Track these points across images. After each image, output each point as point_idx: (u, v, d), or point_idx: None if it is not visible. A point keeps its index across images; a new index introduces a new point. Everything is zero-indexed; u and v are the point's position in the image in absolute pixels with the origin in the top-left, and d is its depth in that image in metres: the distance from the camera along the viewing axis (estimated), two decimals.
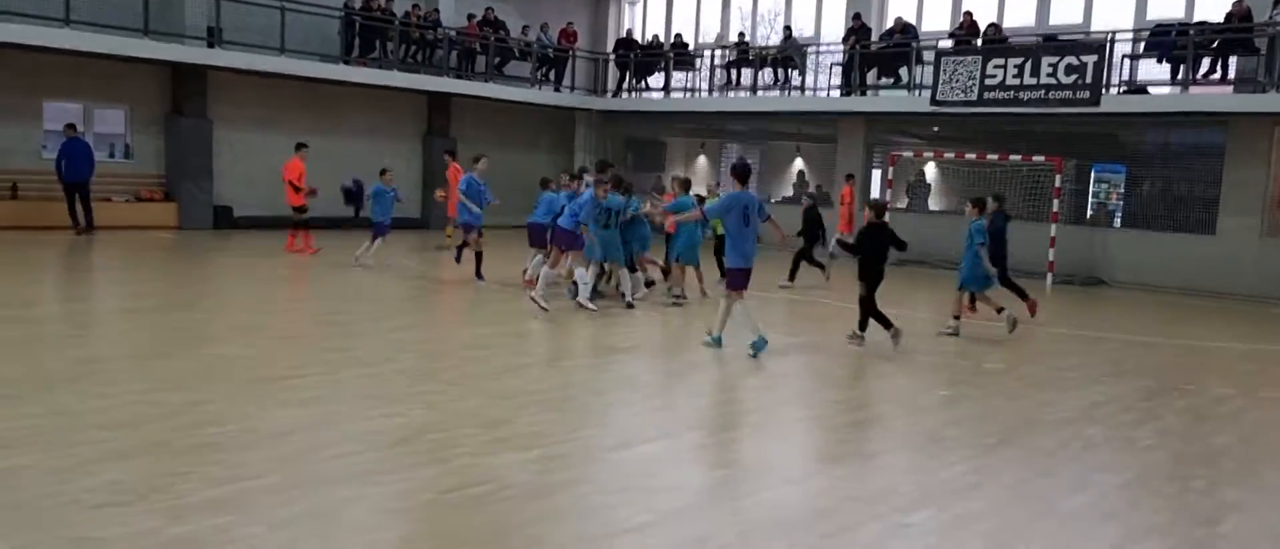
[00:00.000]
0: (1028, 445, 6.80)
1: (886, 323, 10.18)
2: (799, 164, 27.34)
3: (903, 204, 22.62)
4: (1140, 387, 9.01)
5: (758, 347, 9.26)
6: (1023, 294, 13.00)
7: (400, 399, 7.03)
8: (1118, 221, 20.71)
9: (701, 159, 29.42)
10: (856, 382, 8.80)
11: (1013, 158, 18.90)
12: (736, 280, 9.41)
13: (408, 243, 19.71)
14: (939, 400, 8.12)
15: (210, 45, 19.74)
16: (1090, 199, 21.34)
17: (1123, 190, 21.08)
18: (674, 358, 9.63)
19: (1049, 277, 17.75)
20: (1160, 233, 18.36)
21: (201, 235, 19.08)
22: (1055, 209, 17.75)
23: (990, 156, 19.21)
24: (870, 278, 10.25)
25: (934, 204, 23.76)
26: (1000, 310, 11.34)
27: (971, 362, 9.92)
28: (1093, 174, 21.45)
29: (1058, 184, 17.75)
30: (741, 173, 9.66)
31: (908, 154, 21.50)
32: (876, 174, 23.48)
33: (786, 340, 10.50)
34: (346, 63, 21.75)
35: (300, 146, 17.03)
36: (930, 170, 24.46)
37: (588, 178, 13.46)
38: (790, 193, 25.86)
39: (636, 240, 12.83)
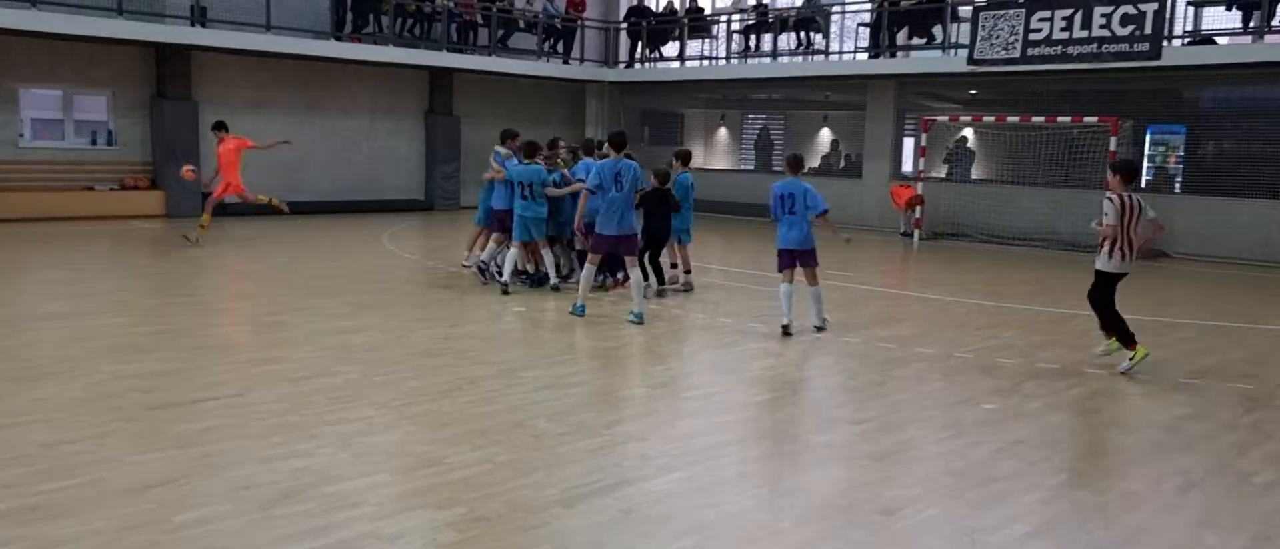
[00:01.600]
0: (1105, 487, 5.34)
1: (661, 277, 11.55)
2: (826, 133, 25.71)
3: (940, 173, 20.95)
4: (1234, 391, 7.48)
5: (578, 310, 9.71)
6: None
7: (310, 431, 5.70)
8: (1177, 187, 18.96)
9: (722, 131, 27.88)
10: (880, 390, 7.34)
11: (1061, 119, 17.21)
12: (597, 244, 9.66)
13: (414, 225, 18.43)
14: (983, 416, 6.66)
15: (193, 24, 18.51)
16: (1145, 163, 19.58)
17: (1182, 153, 19.30)
18: (662, 363, 8.23)
19: None
20: (1228, 198, 16.60)
21: (188, 224, 17.89)
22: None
23: (1035, 119, 17.53)
24: (651, 239, 10.99)
25: (972, 173, 22.06)
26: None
27: (1022, 358, 8.43)
28: (1148, 136, 19.69)
29: (1113, 147, 16.04)
30: (618, 141, 9.70)
31: (942, 119, 19.82)
32: (908, 142, 21.83)
33: (798, 336, 9.07)
34: (339, 39, 20.46)
35: (218, 126, 15.30)
36: (972, 136, 22.75)
37: (562, 149, 12.15)
38: (818, 164, 24.23)
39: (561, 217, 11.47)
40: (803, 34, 21.70)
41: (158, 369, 7.11)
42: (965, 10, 18.61)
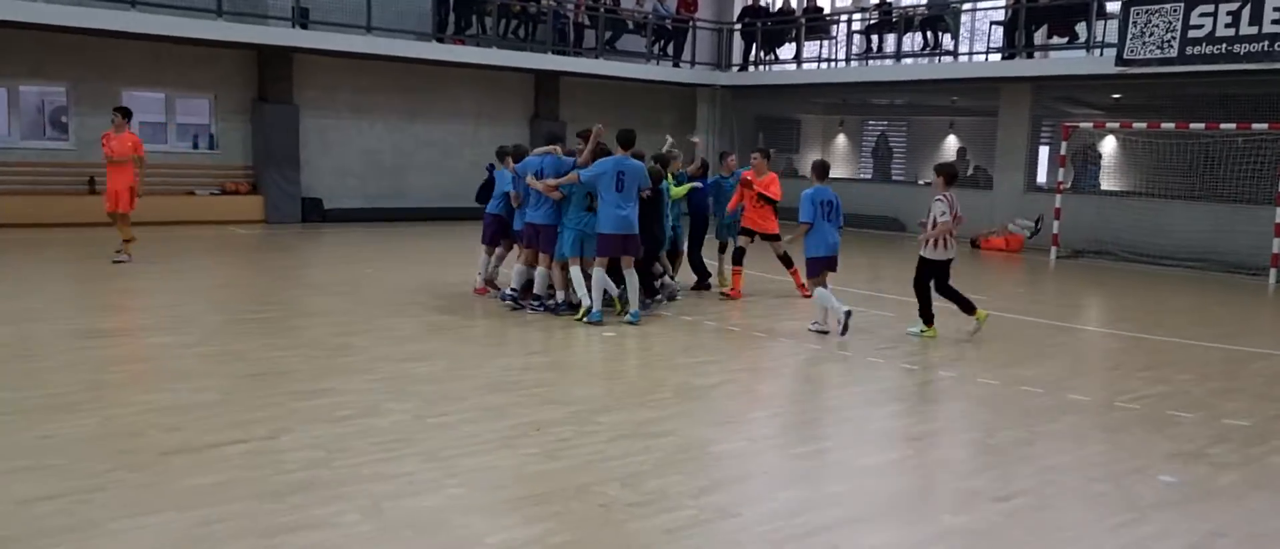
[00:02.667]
0: None
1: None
2: (953, 140, 24.02)
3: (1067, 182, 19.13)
4: None
5: (594, 317, 9.32)
6: None
7: (338, 489, 4.78)
8: None
9: (840, 138, 26.44)
10: (1028, 451, 6.04)
11: (1225, 126, 15.32)
12: (603, 246, 9.28)
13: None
14: (1163, 492, 5.31)
15: (295, 25, 18.19)
16: None
17: None
18: (767, 407, 7.07)
19: (1275, 273, 14.21)
20: None
21: (283, 231, 17.57)
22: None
23: (1194, 126, 15.67)
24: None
25: (1110, 184, 20.10)
26: None
27: (1202, 410, 6.98)
28: None
29: None
30: (626, 139, 9.46)
31: (1086, 125, 18.02)
32: (1044, 150, 20.07)
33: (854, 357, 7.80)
34: (441, 40, 19.92)
35: (121, 113, 12.65)
36: (1107, 145, 20.80)
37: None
38: None
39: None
40: (929, 34, 20.17)
41: (192, 401, 6.34)
42: (1113, 5, 16.85)
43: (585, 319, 9.34)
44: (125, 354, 7.60)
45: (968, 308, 9.53)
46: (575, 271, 9.52)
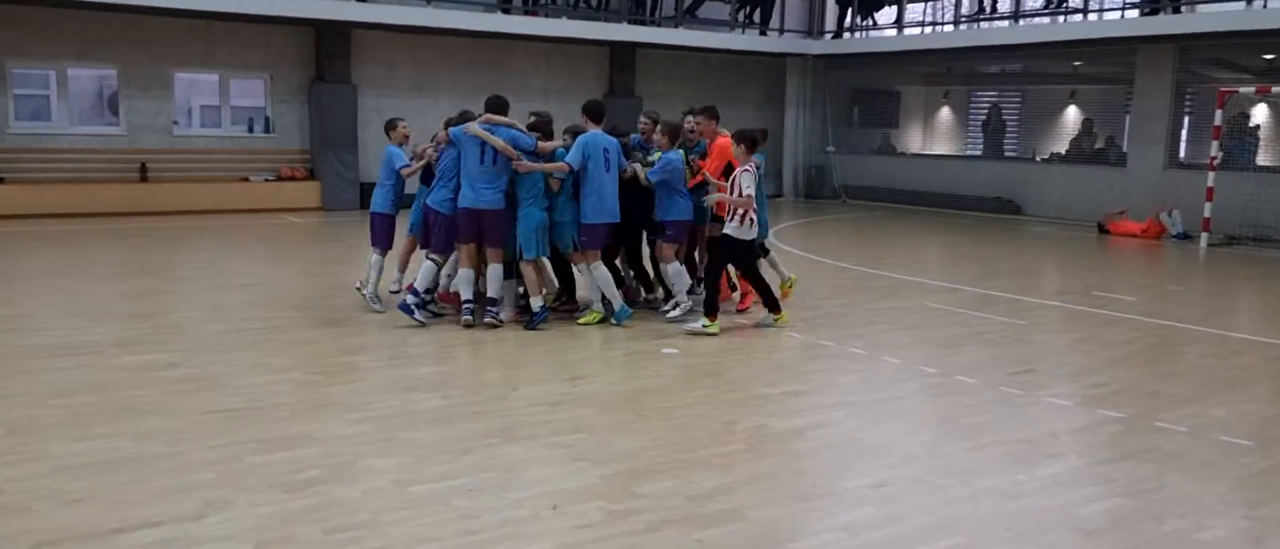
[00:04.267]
0: None
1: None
2: (1073, 111, 21.58)
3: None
4: None
5: (621, 315, 8.26)
6: None
7: None
8: None
9: (944, 111, 24.20)
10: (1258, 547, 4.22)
11: None
12: (591, 239, 8.08)
13: None
14: None
15: None
16: None
17: None
18: (883, 494, 5.36)
19: None
20: None
21: (339, 219, 16.37)
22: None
23: None
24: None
25: (1269, 158, 17.52)
26: None
27: None
28: None
29: None
30: (596, 112, 8.26)
31: (1247, 90, 15.57)
32: (1187, 120, 17.63)
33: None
34: (507, 11, 18.46)
35: None
36: (1260, 113, 18.18)
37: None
38: (1065, 149, 20.24)
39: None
40: None
41: (125, 453, 4.94)
42: None
43: (613, 321, 8.16)
44: (79, 380, 6.27)
45: (773, 305, 8.41)
46: (601, 270, 8.17)
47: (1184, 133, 17.57)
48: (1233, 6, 15.30)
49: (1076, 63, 19.67)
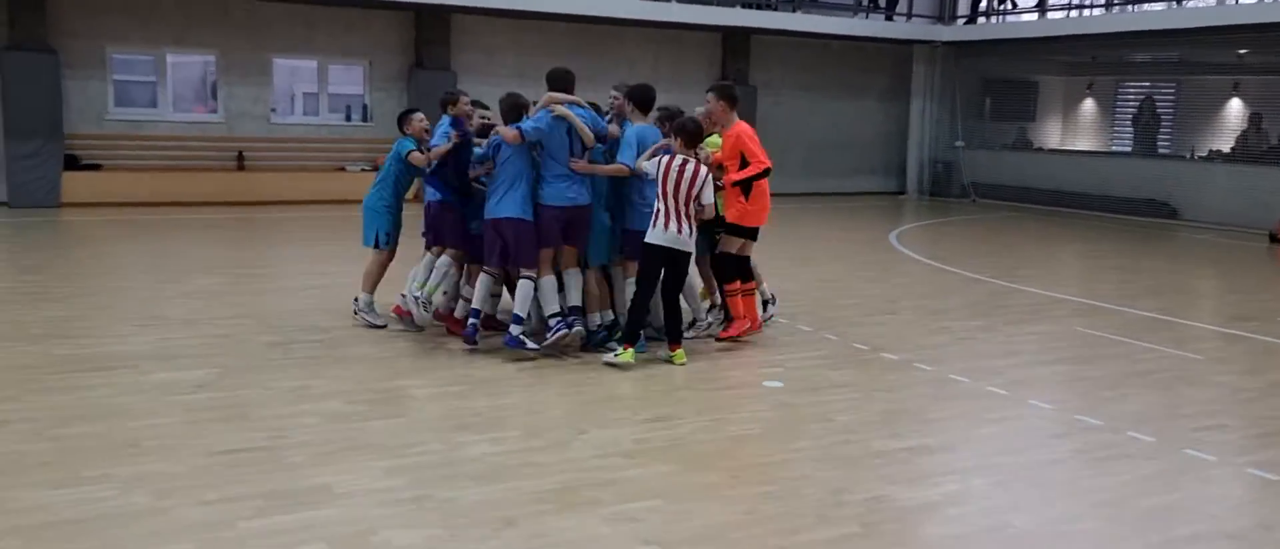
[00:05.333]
0: None
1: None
2: (1237, 104, 19.40)
3: None
4: None
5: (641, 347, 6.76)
6: None
7: None
8: None
9: (1088, 103, 22.20)
10: None
11: None
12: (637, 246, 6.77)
13: None
14: None
15: None
16: None
17: None
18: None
19: None
20: None
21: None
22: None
23: None
24: None
25: None
26: None
27: None
28: None
29: None
30: (645, 100, 7.06)
31: None
32: None
33: None
34: None
35: None
36: None
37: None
38: (1229, 147, 18.14)
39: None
40: None
41: (99, 510, 4.12)
42: None
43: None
44: (91, 405, 5.53)
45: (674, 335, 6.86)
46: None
47: None
48: None
49: (1242, 51, 17.59)
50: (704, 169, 6.61)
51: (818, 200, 19.59)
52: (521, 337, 6.60)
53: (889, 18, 20.07)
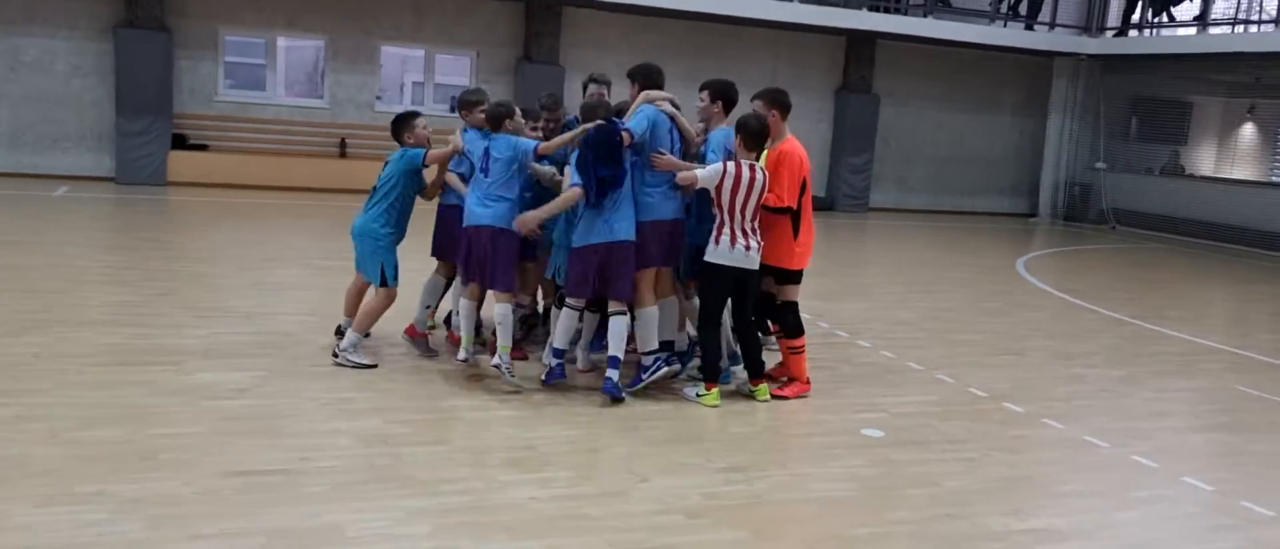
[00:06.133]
0: None
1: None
2: None
3: None
4: None
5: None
6: None
7: None
8: None
9: (1247, 128, 20.37)
10: None
11: None
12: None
13: None
14: None
15: None
16: None
17: None
18: None
19: None
20: None
21: None
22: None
23: None
24: None
25: None
26: None
27: None
28: None
29: None
30: (730, 96, 6.04)
31: None
32: None
33: None
34: None
35: None
36: None
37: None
38: None
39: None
40: None
41: (76, 539, 3.60)
42: None
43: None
44: (122, 405, 5.10)
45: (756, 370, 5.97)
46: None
47: None
48: None
49: None
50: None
51: (939, 219, 18.43)
52: (618, 383, 5.70)
53: (1029, 27, 18.74)
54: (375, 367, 6.00)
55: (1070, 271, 13.28)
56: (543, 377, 5.90)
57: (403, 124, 6.23)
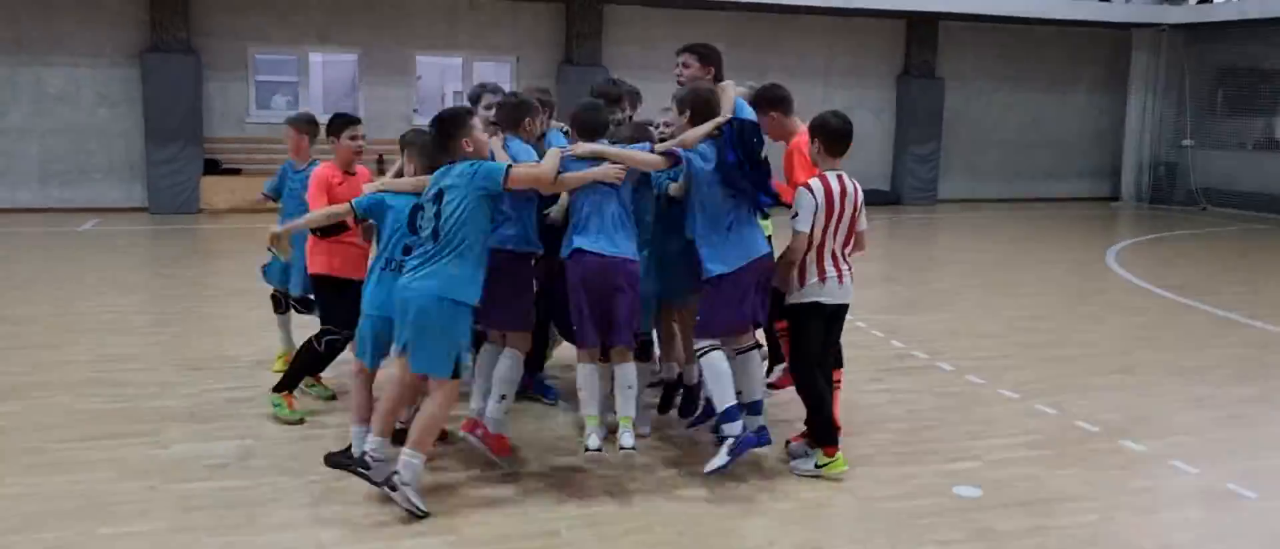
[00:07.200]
0: None
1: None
2: None
3: None
4: None
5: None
6: None
7: None
8: None
9: None
10: None
11: None
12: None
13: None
14: None
15: None
16: None
17: None
18: None
19: None
20: None
21: None
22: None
23: None
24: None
25: None
26: None
27: None
28: None
29: None
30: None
31: None
32: None
33: None
34: None
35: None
36: None
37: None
38: None
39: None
40: None
41: None
42: None
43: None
44: (71, 494, 4.37)
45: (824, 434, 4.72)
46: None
47: None
48: None
49: None
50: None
51: (1015, 208, 17.23)
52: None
53: None
54: (427, 516, 4.18)
55: (1168, 262, 12.07)
56: (730, 447, 4.51)
57: (456, 126, 4.35)
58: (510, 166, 4.31)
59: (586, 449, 4.48)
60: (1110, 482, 4.79)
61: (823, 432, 4.69)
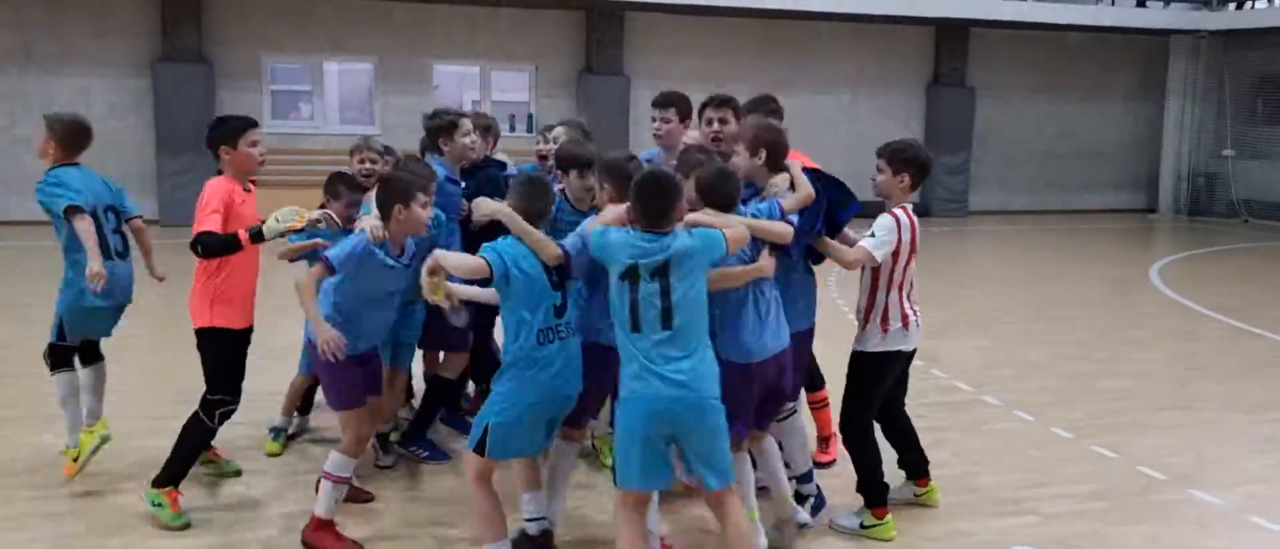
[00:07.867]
0: None
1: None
2: None
3: None
4: None
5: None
6: None
7: None
8: None
9: None
10: None
11: None
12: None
13: None
14: None
15: None
16: None
17: None
18: None
19: None
20: None
21: None
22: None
23: None
24: None
25: None
26: None
27: None
28: None
29: None
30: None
31: None
32: None
33: None
34: None
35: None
36: None
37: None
38: None
39: None
40: None
41: None
42: None
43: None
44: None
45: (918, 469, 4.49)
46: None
47: None
48: None
49: None
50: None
51: (1050, 221, 16.72)
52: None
53: (1141, 4, 16.90)
54: None
55: (1216, 280, 11.53)
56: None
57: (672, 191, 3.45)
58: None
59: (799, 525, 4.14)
60: (1182, 540, 4.34)
61: (876, 492, 4.24)
